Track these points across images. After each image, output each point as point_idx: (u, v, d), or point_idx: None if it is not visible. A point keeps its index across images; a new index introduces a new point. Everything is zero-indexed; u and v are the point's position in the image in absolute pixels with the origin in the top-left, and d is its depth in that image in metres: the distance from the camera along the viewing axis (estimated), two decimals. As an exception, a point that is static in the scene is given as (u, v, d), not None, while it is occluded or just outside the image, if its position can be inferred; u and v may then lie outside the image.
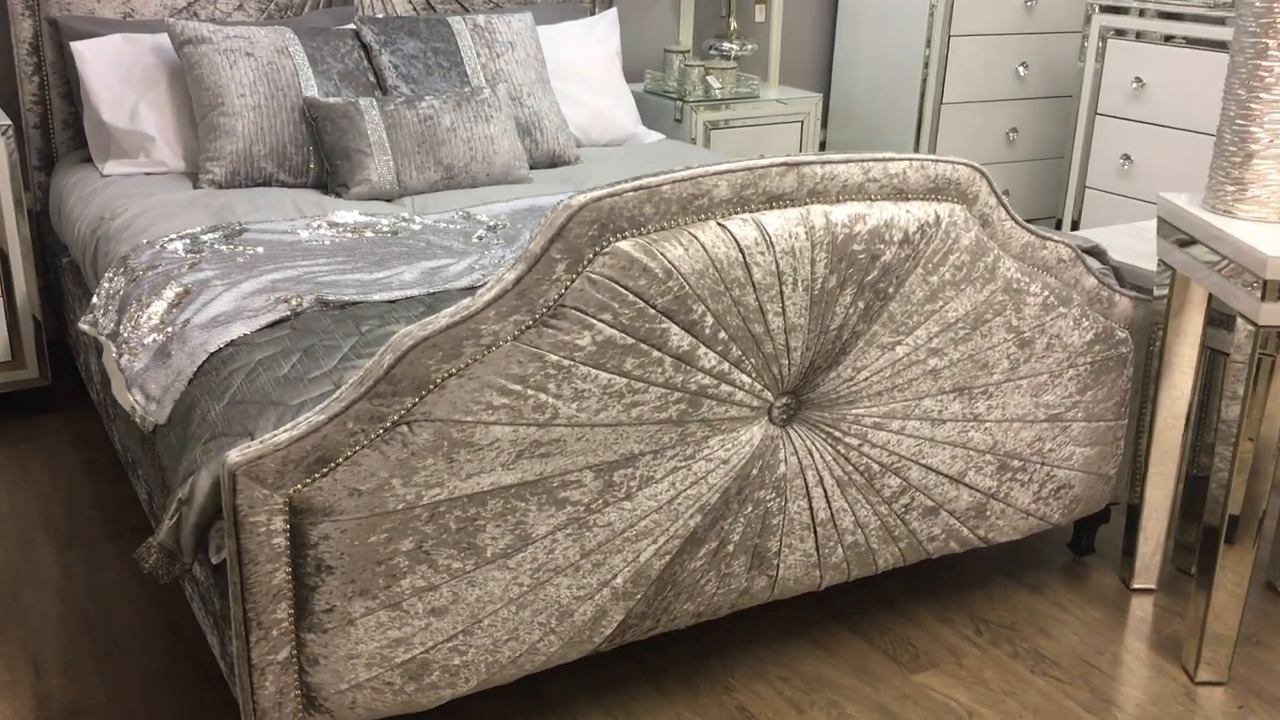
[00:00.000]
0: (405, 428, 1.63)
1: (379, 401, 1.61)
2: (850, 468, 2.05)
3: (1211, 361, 2.48)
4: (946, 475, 2.15)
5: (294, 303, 2.10)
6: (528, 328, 1.69)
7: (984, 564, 2.55)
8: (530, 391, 1.69)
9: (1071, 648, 2.26)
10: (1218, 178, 2.20)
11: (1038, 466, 2.26)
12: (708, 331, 1.80)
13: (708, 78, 4.12)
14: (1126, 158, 4.05)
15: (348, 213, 2.70)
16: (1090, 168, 4.20)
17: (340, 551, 1.63)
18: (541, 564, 1.79)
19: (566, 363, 1.70)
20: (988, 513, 2.25)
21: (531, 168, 3.35)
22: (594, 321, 1.71)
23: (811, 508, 2.04)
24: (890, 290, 1.96)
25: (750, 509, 1.97)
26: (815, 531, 2.06)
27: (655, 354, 1.76)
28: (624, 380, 1.75)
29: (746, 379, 1.87)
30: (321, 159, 3.07)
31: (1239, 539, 2.09)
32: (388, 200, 3.00)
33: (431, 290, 2.18)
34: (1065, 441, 2.27)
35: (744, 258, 1.80)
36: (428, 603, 1.72)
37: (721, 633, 2.28)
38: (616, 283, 1.71)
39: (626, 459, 1.81)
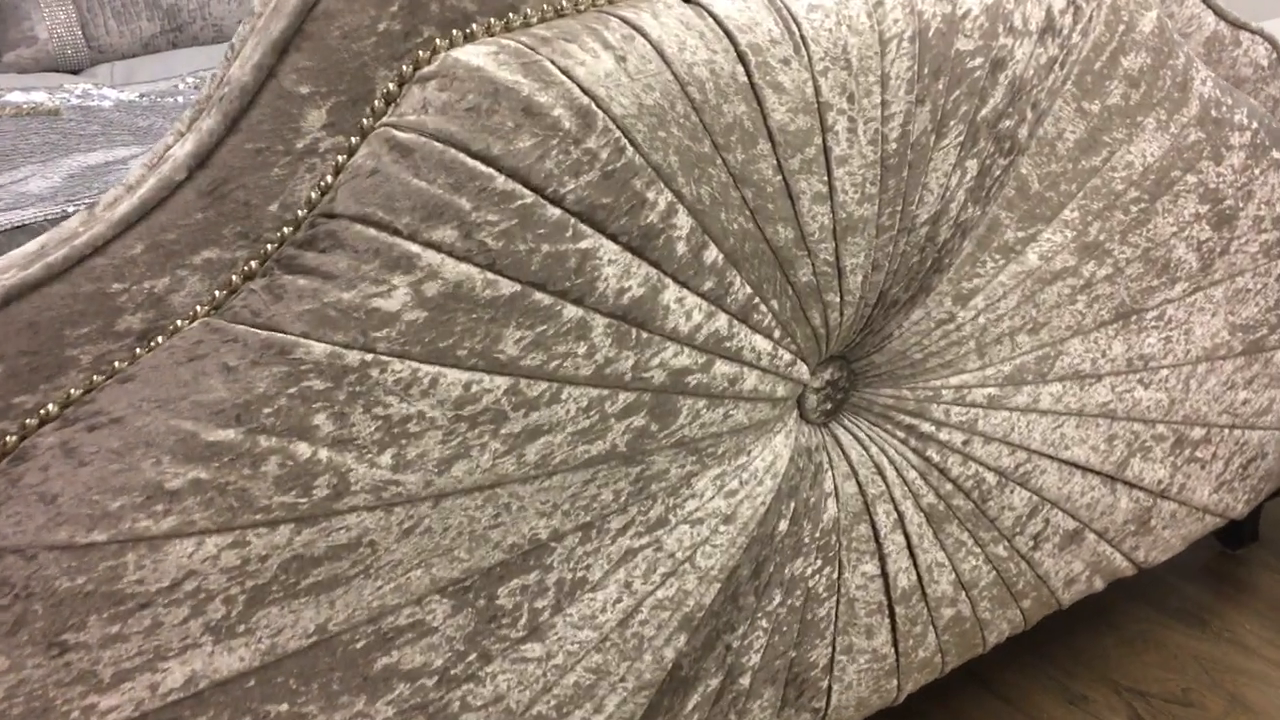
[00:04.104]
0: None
1: None
2: (950, 486, 1.06)
3: None
4: (1099, 472, 1.19)
5: None
6: (240, 281, 0.67)
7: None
8: (266, 441, 0.66)
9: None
10: None
11: (1225, 432, 1.31)
12: (679, 248, 0.79)
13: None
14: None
15: None
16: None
17: None
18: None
19: (352, 357, 0.68)
20: (1152, 521, 1.29)
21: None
22: (411, 247, 0.68)
23: (886, 572, 1.05)
24: (1022, 134, 0.97)
25: (777, 600, 0.98)
26: (892, 614, 1.08)
27: (567, 311, 0.75)
28: (501, 382, 0.74)
29: (762, 341, 0.87)
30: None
31: None
32: (73, 72, 1.88)
33: (75, 206, 1.12)
34: (1266, 383, 1.32)
35: (748, 69, 0.79)
36: None
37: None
38: (458, 145, 0.69)
39: (522, 557, 0.80)
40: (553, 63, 0.71)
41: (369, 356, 0.68)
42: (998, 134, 0.94)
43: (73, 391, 0.64)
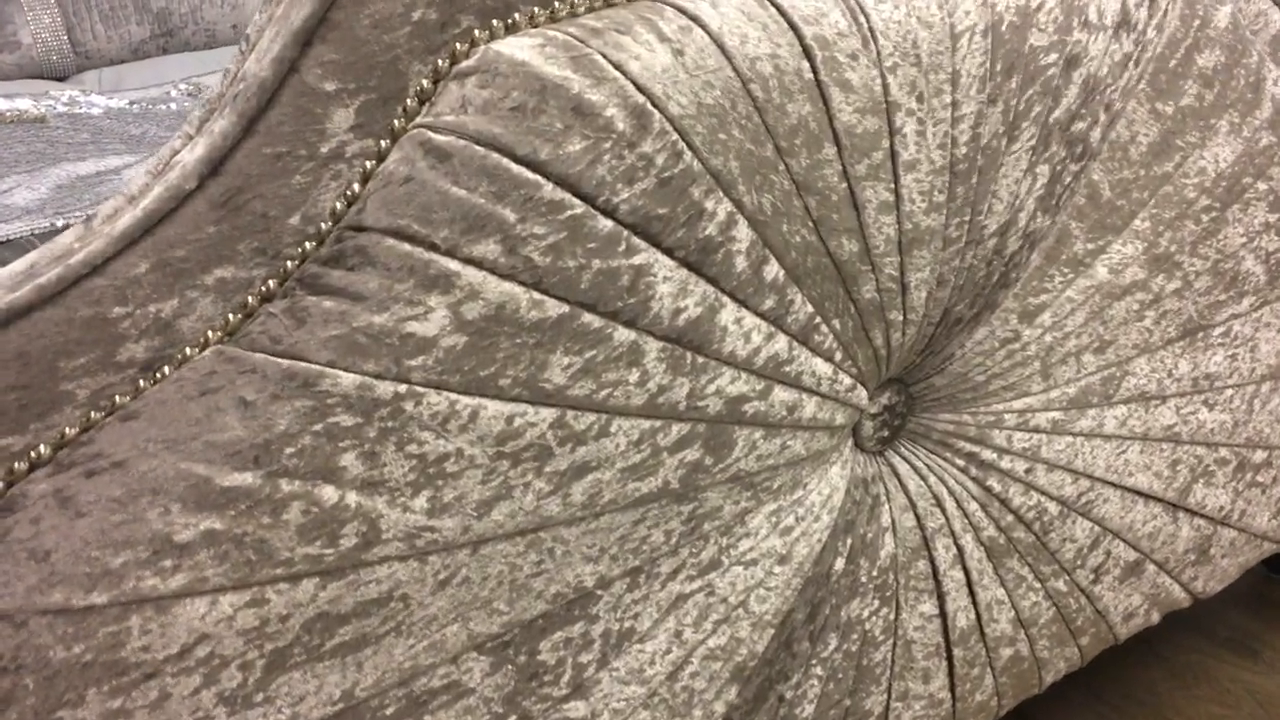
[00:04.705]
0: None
1: None
2: (1011, 518, 0.99)
3: None
4: (1162, 500, 1.11)
5: None
6: (258, 303, 0.59)
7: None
8: (288, 485, 0.58)
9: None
10: None
11: (1287, 455, 1.24)
12: (738, 263, 0.71)
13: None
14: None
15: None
16: None
17: None
18: None
19: (384, 388, 0.60)
20: (1212, 550, 1.22)
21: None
22: (450, 264, 0.60)
23: (944, 611, 0.98)
24: (1094, 137, 0.89)
25: (833, 645, 0.90)
26: (950, 657, 1.00)
27: (618, 335, 0.67)
28: (546, 415, 0.66)
29: (822, 365, 0.79)
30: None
31: None
32: (59, 79, 1.79)
33: (65, 220, 1.03)
34: (1328, 403, 1.25)
35: (813, 64, 0.71)
36: None
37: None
38: (501, 148, 0.61)
39: (566, 607, 0.72)
40: (604, 56, 0.64)
41: (403, 388, 0.60)
42: (1070, 137, 0.87)
43: (68, 430, 0.56)
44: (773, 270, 0.73)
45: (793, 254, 0.74)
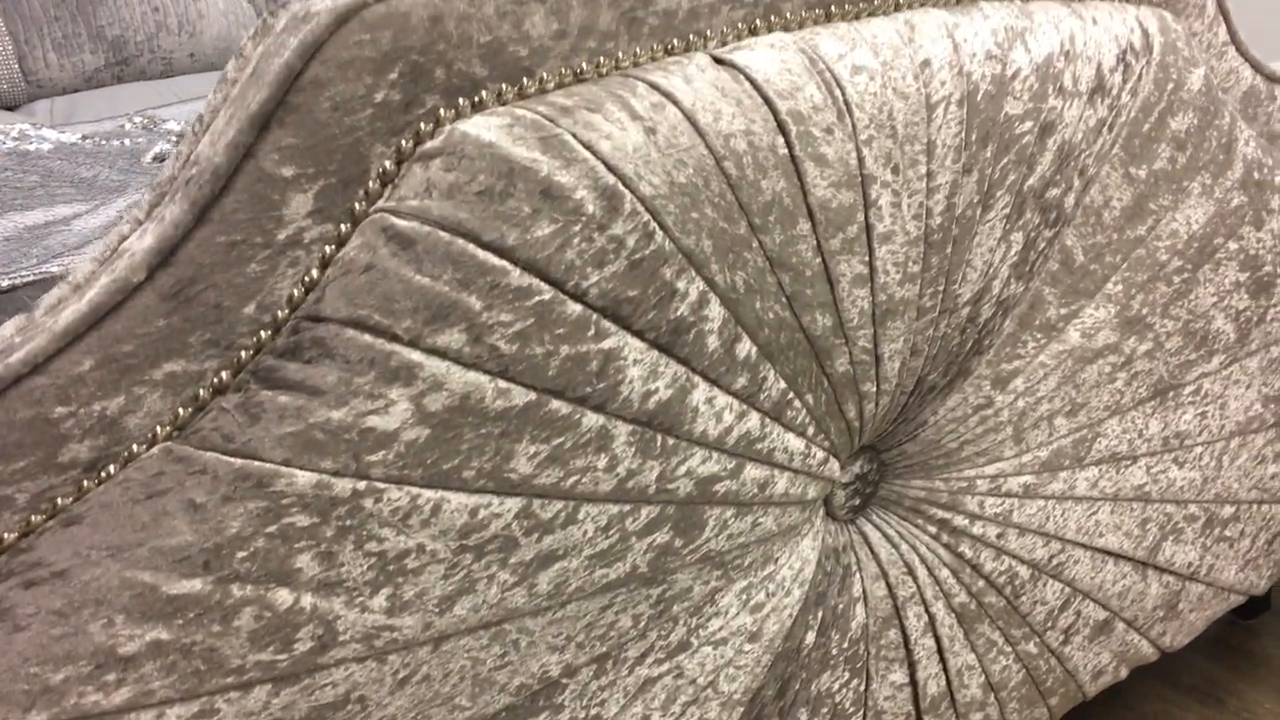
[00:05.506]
0: None
1: None
2: (982, 584, 0.97)
3: None
4: (1131, 558, 1.10)
5: None
6: (209, 396, 0.56)
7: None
8: (240, 590, 0.56)
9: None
10: None
11: (1254, 509, 1.23)
12: (710, 342, 0.69)
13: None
14: None
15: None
16: None
17: None
18: None
19: (342, 486, 0.57)
20: (1180, 605, 1.21)
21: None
22: (413, 355, 0.58)
23: (915, 680, 0.96)
24: (1068, 203, 0.88)
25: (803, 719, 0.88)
26: (920, 724, 0.98)
27: (586, 420, 0.65)
28: (512, 505, 0.63)
29: (795, 440, 0.77)
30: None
31: None
32: (9, 108, 1.74)
33: (11, 280, 0.99)
34: (1295, 456, 1.25)
35: (788, 140, 0.69)
36: None
37: None
38: (467, 234, 0.58)
39: (530, 699, 0.70)
40: (574, 136, 0.62)
41: (362, 484, 0.58)
42: (1044, 204, 0.86)
43: (6, 536, 0.53)
44: (745, 348, 0.71)
45: (766, 331, 0.72)
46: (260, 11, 2.06)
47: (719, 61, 0.69)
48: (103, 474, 0.55)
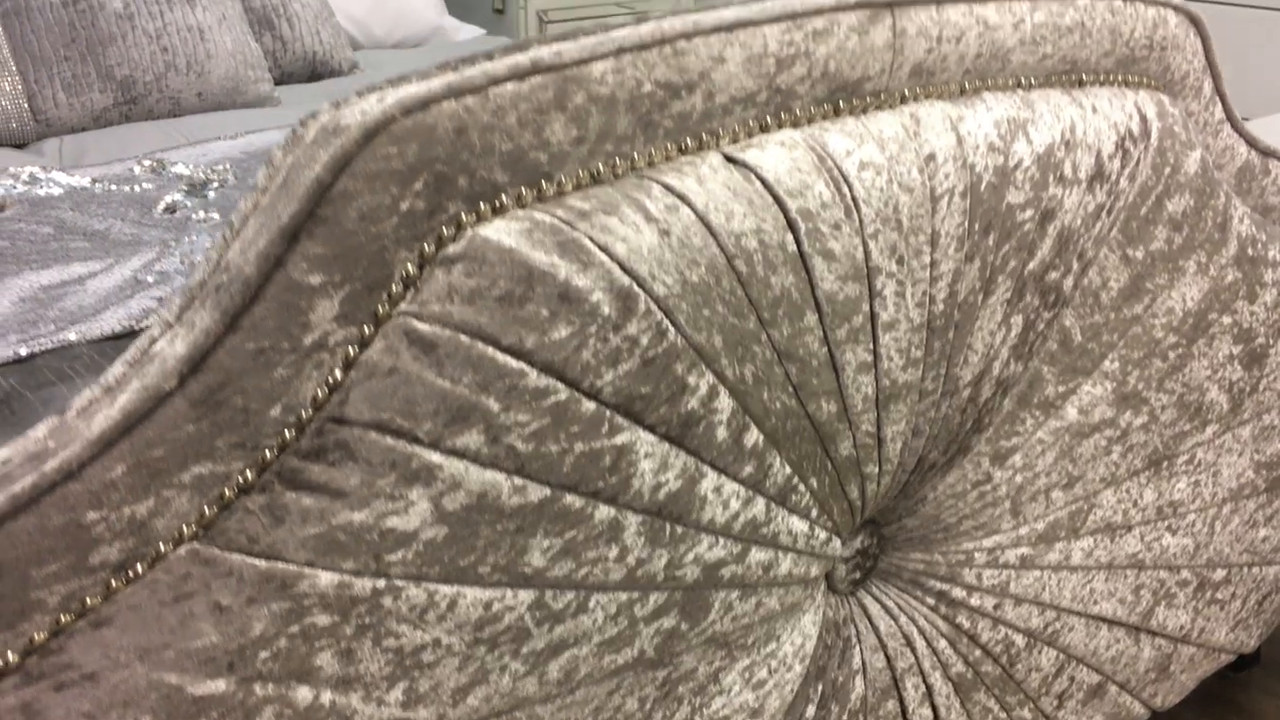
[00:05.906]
0: None
1: None
2: (979, 653, 0.99)
3: None
4: (1125, 624, 1.12)
5: None
6: (234, 494, 0.57)
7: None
8: (262, 689, 0.57)
9: None
10: None
11: (1245, 571, 1.25)
12: (719, 433, 0.70)
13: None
14: None
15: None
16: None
17: None
18: None
19: (362, 585, 0.59)
20: (1172, 667, 1.23)
21: (278, 82, 2.11)
22: (433, 457, 0.59)
23: (911, 749, 0.97)
24: (1067, 285, 0.90)
25: (803, 789, 0.90)
26: (917, 791, 1.00)
27: (599, 513, 0.66)
28: (525, 597, 0.65)
29: (799, 522, 0.79)
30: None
31: None
32: (18, 147, 1.75)
33: (29, 348, 1.00)
34: (1285, 520, 1.27)
35: (797, 237, 0.71)
36: None
37: None
38: (486, 338, 0.60)
39: (542, 781, 0.71)
40: (591, 239, 0.63)
41: (381, 583, 0.59)
42: (1043, 287, 0.88)
43: (37, 636, 0.54)
44: (753, 437, 0.73)
45: (772, 419, 0.74)
46: (268, 54, 2.08)
47: (731, 160, 0.71)
48: (130, 574, 0.56)
